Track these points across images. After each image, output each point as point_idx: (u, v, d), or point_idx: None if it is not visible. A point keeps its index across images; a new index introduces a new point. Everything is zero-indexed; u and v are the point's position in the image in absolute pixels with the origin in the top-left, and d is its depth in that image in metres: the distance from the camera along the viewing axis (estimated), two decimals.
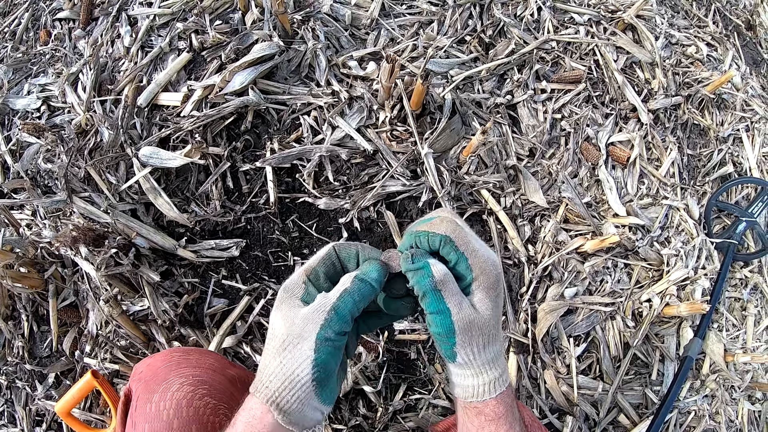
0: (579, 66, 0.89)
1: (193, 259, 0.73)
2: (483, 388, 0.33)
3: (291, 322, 0.31)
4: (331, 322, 0.31)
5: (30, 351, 0.81)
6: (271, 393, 0.30)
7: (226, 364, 0.51)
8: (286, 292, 0.33)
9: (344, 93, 0.75)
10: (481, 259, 0.33)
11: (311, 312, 0.31)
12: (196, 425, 0.40)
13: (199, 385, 0.43)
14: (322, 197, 0.74)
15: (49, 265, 0.78)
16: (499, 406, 0.34)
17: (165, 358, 0.47)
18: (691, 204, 0.93)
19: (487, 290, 0.33)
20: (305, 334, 0.31)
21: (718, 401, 0.90)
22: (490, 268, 0.33)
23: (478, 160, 0.78)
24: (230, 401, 0.45)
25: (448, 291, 0.32)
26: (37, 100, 0.90)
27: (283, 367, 0.30)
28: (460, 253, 0.33)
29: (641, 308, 0.84)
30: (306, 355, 0.30)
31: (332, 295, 0.32)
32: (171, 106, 0.78)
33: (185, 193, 0.76)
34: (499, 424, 0.34)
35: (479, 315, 0.33)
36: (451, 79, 0.79)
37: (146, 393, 0.42)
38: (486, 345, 0.33)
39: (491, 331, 0.33)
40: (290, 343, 0.31)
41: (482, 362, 0.33)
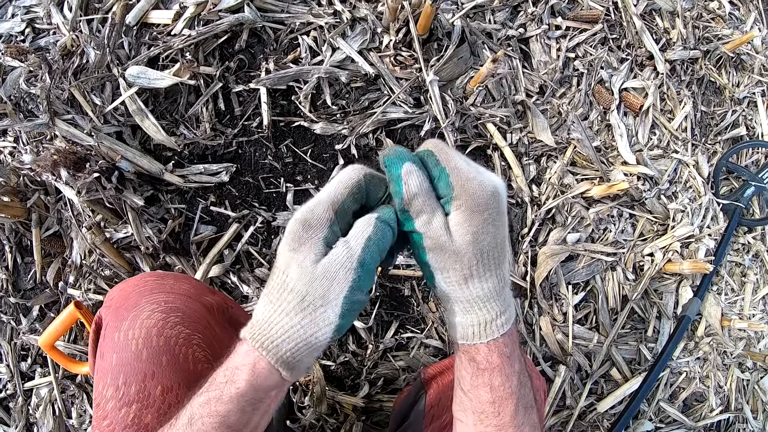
0: (597, 6, 0.84)
1: (181, 184, 0.70)
2: (471, 329, 0.29)
3: (311, 277, 0.27)
4: (360, 281, 0.27)
5: (14, 284, 0.78)
6: (282, 353, 0.27)
7: (204, 290, 0.47)
8: (306, 228, 0.27)
9: (347, 13, 0.70)
10: (465, 177, 0.28)
11: (336, 268, 0.27)
12: (167, 356, 0.37)
13: (171, 312, 0.39)
14: (319, 122, 0.70)
15: (31, 194, 0.75)
16: (492, 354, 0.29)
17: (137, 283, 0.43)
18: (701, 161, 0.90)
19: (468, 213, 0.28)
20: (330, 296, 0.27)
21: (710, 365, 0.90)
22: (475, 188, 0.28)
23: (486, 93, 0.74)
24: (205, 331, 0.41)
25: (416, 208, 0.28)
26: (21, 23, 0.84)
27: (303, 329, 0.27)
28: (442, 168, 0.28)
29: (643, 262, 0.82)
30: (330, 320, 0.27)
31: (355, 246, 0.27)
32: (161, 25, 0.73)
33: (174, 115, 0.72)
34: (494, 375, 0.30)
35: (452, 240, 0.28)
36: (461, 5, 0.75)
37: (115, 321, 0.39)
38: (467, 278, 0.29)
39: (472, 264, 0.28)
40: (311, 304, 0.27)
41: (467, 298, 0.29)
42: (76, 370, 0.66)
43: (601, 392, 0.81)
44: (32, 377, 0.77)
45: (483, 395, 0.30)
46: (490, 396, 0.30)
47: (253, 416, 0.28)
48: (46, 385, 0.76)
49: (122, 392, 0.36)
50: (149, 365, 0.36)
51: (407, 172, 0.28)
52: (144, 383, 0.36)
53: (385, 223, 0.28)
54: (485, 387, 0.30)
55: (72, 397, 0.76)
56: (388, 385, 0.73)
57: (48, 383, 0.76)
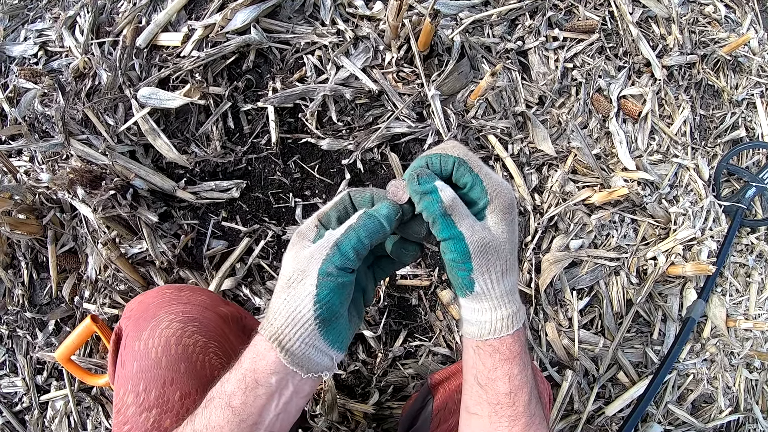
0: (593, 16, 0.86)
1: (193, 201, 0.72)
2: (501, 323, 0.32)
3: (296, 260, 0.31)
4: (332, 256, 0.30)
5: (30, 299, 0.81)
6: (274, 330, 0.29)
7: (219, 301, 0.49)
8: (298, 236, 0.32)
9: (350, 32, 0.73)
10: (496, 182, 0.32)
11: (315, 248, 0.30)
12: (185, 363, 0.39)
13: (189, 322, 0.42)
14: (325, 138, 0.72)
15: (47, 211, 0.77)
16: (515, 344, 0.32)
17: (156, 295, 0.46)
18: (702, 164, 0.91)
19: (503, 213, 0.32)
20: (309, 270, 0.30)
21: (717, 366, 0.90)
22: (505, 191, 0.32)
23: (486, 105, 0.76)
24: (221, 339, 0.43)
25: (458, 214, 0.31)
26: (34, 45, 0.87)
27: (287, 303, 0.30)
28: (475, 174, 0.31)
29: (646, 266, 0.83)
30: (308, 291, 0.29)
31: (337, 231, 0.31)
32: (171, 47, 0.76)
33: (185, 134, 0.74)
34: (514, 364, 0.32)
35: (494, 237, 0.31)
36: (460, 21, 0.77)
37: (135, 331, 0.41)
38: (504, 272, 0.32)
39: (508, 256, 0.32)
40: (294, 280, 0.30)
41: (500, 293, 0.32)
42: (92, 382, 0.68)
43: (609, 396, 0.82)
44: (48, 390, 0.79)
45: (500, 387, 0.32)
46: (508, 387, 0.32)
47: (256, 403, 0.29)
48: (62, 397, 0.78)
49: (142, 398, 0.38)
50: (168, 372, 0.39)
51: (441, 186, 0.31)
52: (163, 389, 0.38)
53: (371, 216, 0.31)
54: (504, 378, 0.32)
55: (87, 409, 0.78)
56: (397, 393, 0.74)
57: (64, 396, 0.77)
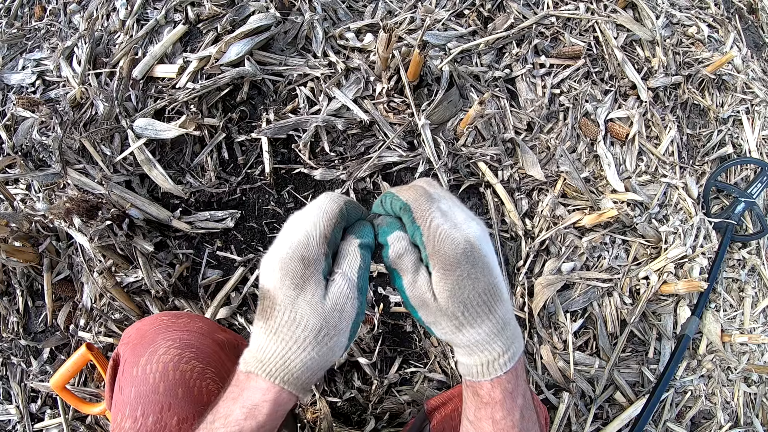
0: (578, 42, 0.88)
1: (188, 231, 0.73)
2: (476, 369, 0.31)
3: (322, 312, 0.29)
4: (362, 307, 0.31)
5: (25, 326, 0.81)
6: (302, 382, 0.30)
7: (216, 328, 0.50)
8: (307, 265, 0.29)
9: (341, 64, 0.75)
10: (438, 236, 0.29)
11: (343, 300, 0.30)
12: (183, 388, 0.40)
13: (186, 348, 0.42)
14: (318, 168, 0.73)
15: (43, 239, 0.78)
16: (496, 390, 0.31)
17: (153, 322, 0.46)
18: (690, 183, 0.93)
19: (442, 272, 0.29)
20: (341, 325, 0.30)
21: (715, 382, 0.90)
22: (447, 249, 0.29)
23: (476, 133, 0.78)
24: (218, 365, 0.44)
25: (402, 269, 0.31)
26: (32, 75, 0.89)
27: (320, 358, 0.30)
28: (416, 226, 0.31)
29: (639, 285, 0.84)
30: (342, 345, 0.31)
31: (352, 276, 0.30)
32: (166, 78, 0.77)
33: (180, 164, 0.75)
34: (495, 409, 0.31)
35: (434, 300, 0.30)
36: (448, 51, 0.79)
37: (133, 357, 0.42)
38: (459, 327, 0.30)
39: (457, 315, 0.30)
40: (326, 336, 0.29)
41: (466, 343, 0.31)
42: (87, 410, 0.68)
43: (607, 417, 0.82)
44: (42, 418, 0.78)
45: (485, 427, 0.32)
46: (492, 429, 0.32)
47: None
48: (56, 426, 0.77)
49: (140, 423, 0.38)
50: (166, 397, 0.39)
51: (395, 238, 0.31)
52: (161, 414, 0.38)
53: (367, 248, 0.32)
54: (488, 420, 0.32)
55: None
56: (393, 420, 0.74)
57: (58, 424, 0.77)
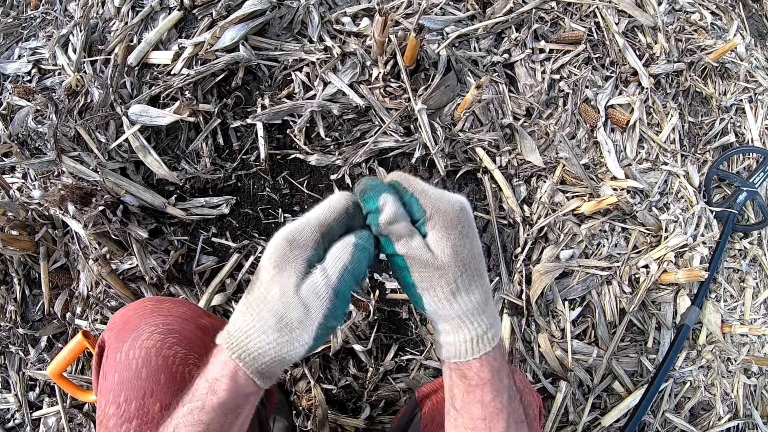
0: (579, 27, 0.87)
1: (183, 217, 0.73)
2: (465, 346, 0.30)
3: (289, 301, 0.28)
4: (335, 311, 0.29)
5: (22, 315, 0.81)
6: (258, 365, 0.29)
7: (200, 313, 0.49)
8: (293, 248, 0.29)
9: (337, 49, 0.74)
10: (435, 196, 0.30)
11: (313, 296, 0.28)
12: (165, 374, 0.39)
13: (169, 333, 0.42)
14: (314, 153, 0.73)
15: (39, 227, 0.78)
16: (484, 369, 0.30)
17: (137, 307, 0.46)
18: (692, 171, 0.92)
19: (444, 230, 0.29)
20: (306, 321, 0.28)
21: (714, 373, 0.89)
22: (446, 206, 0.30)
23: (474, 118, 0.77)
24: (201, 351, 0.43)
25: (395, 233, 0.29)
26: (27, 63, 0.89)
27: (278, 346, 0.29)
28: (410, 193, 0.30)
29: (638, 274, 0.83)
30: (304, 342, 0.29)
31: (331, 274, 0.28)
32: (161, 65, 0.77)
33: (175, 151, 0.75)
34: (485, 390, 0.30)
35: (434, 257, 0.29)
36: (446, 35, 0.78)
37: (117, 342, 0.41)
38: (455, 293, 0.30)
39: (457, 277, 0.29)
40: (287, 326, 0.29)
41: (457, 314, 0.30)
42: (84, 398, 0.68)
43: (605, 406, 0.81)
44: (40, 407, 0.78)
45: (475, 411, 0.31)
46: (482, 412, 0.31)
47: (235, 422, 0.30)
48: (54, 414, 0.77)
49: (123, 409, 0.38)
50: (148, 383, 0.38)
51: (383, 202, 0.30)
52: (144, 400, 0.38)
53: (361, 248, 0.29)
54: (477, 403, 0.31)
55: (79, 425, 0.77)
56: (389, 407, 0.73)
57: (56, 412, 0.77)
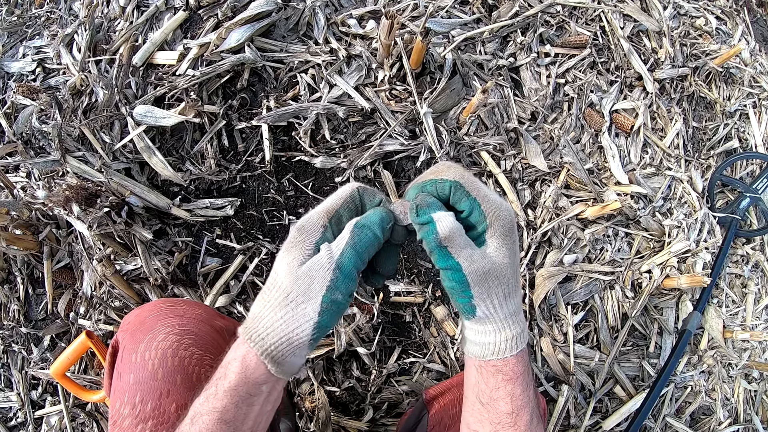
0: (584, 31, 0.87)
1: (187, 218, 0.73)
2: (505, 344, 0.31)
3: (295, 276, 0.29)
4: (337, 283, 0.29)
5: (25, 314, 0.81)
6: (267, 346, 0.29)
7: (214, 315, 0.50)
8: (301, 233, 0.30)
9: (343, 51, 0.74)
10: (495, 204, 0.31)
11: (317, 268, 0.29)
12: (181, 375, 0.39)
13: (185, 335, 0.42)
14: (319, 156, 0.73)
15: (43, 227, 0.78)
16: (519, 364, 0.32)
17: (152, 309, 0.46)
18: (695, 176, 0.92)
19: (503, 237, 0.31)
20: (311, 293, 0.29)
21: (715, 378, 0.90)
22: (504, 213, 0.31)
23: (479, 122, 0.77)
24: (216, 352, 0.44)
25: (455, 246, 0.30)
26: (32, 62, 0.88)
27: (284, 323, 0.29)
28: (473, 198, 0.31)
29: (641, 279, 0.83)
30: (309, 317, 0.29)
31: (335, 250, 0.30)
32: (166, 65, 0.77)
33: (180, 151, 0.75)
34: (516, 384, 0.32)
35: (495, 263, 0.30)
36: (452, 39, 0.78)
37: (132, 343, 0.42)
38: (507, 296, 0.31)
39: (510, 280, 0.31)
40: (293, 300, 0.29)
41: (504, 316, 0.31)
42: (87, 398, 0.68)
43: (606, 410, 0.81)
44: (43, 406, 0.78)
45: (502, 407, 0.32)
46: (510, 407, 0.32)
47: (249, 412, 0.30)
48: (57, 413, 0.78)
49: (139, 409, 0.38)
50: (165, 384, 0.39)
51: (439, 217, 0.30)
52: (160, 401, 0.38)
53: (364, 228, 0.30)
54: (506, 398, 0.32)
55: (82, 425, 0.78)
56: (392, 410, 0.74)
57: (58, 411, 0.77)
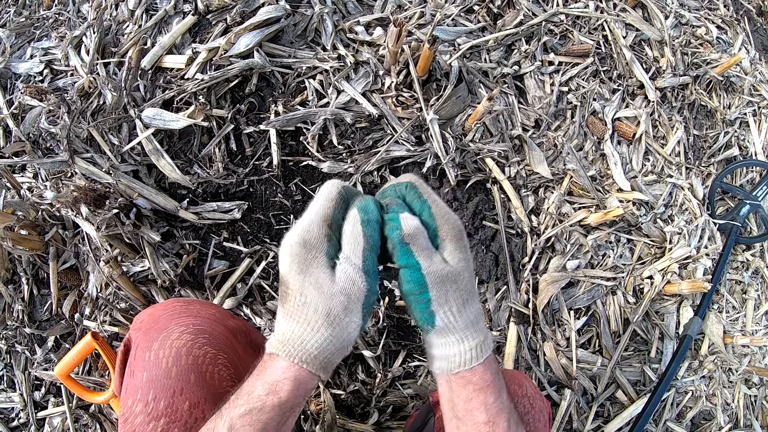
0: (587, 40, 0.88)
1: (195, 221, 0.73)
2: (470, 353, 0.32)
3: (330, 296, 0.30)
4: (371, 289, 0.31)
5: (30, 315, 0.81)
6: (320, 362, 0.31)
7: (227, 315, 0.51)
8: (309, 250, 0.31)
9: (350, 57, 0.75)
10: (444, 209, 0.33)
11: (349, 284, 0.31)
12: (195, 374, 0.40)
13: (199, 334, 0.42)
14: (326, 161, 0.73)
15: (49, 228, 0.78)
16: (487, 372, 0.33)
17: (166, 308, 0.47)
18: (696, 184, 0.93)
19: (455, 241, 0.32)
20: (351, 307, 0.31)
21: (716, 383, 0.90)
22: (453, 219, 0.33)
23: (484, 129, 0.78)
24: (230, 351, 0.44)
25: (417, 245, 0.31)
26: (39, 63, 0.89)
27: (335, 338, 0.31)
28: (424, 200, 0.32)
29: (642, 284, 0.84)
30: (356, 325, 0.32)
31: (356, 260, 0.31)
32: (175, 69, 0.77)
33: (188, 155, 0.75)
34: (488, 393, 0.32)
35: (452, 267, 0.31)
36: (458, 46, 0.79)
37: (146, 341, 0.42)
38: (465, 303, 0.32)
39: (467, 286, 0.32)
40: (336, 317, 0.31)
41: (464, 324, 0.32)
42: (91, 399, 0.68)
43: (608, 415, 0.82)
44: (45, 407, 0.78)
45: (478, 417, 0.33)
46: (485, 416, 0.33)
47: (291, 420, 0.32)
48: (60, 414, 0.77)
49: (151, 407, 0.38)
50: (178, 382, 0.39)
51: (408, 216, 0.32)
52: (173, 399, 0.38)
53: (366, 223, 0.32)
54: (481, 407, 0.32)
55: (85, 426, 0.78)
56: (397, 413, 0.74)
57: (61, 413, 0.77)
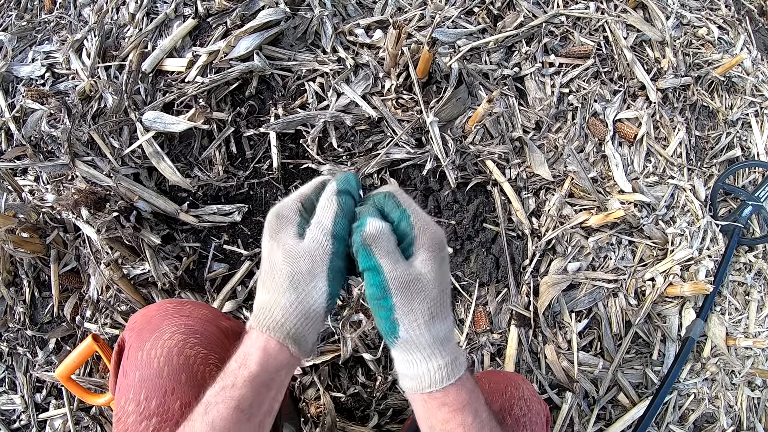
0: (588, 41, 0.88)
1: (195, 224, 0.73)
2: (439, 373, 0.30)
3: (295, 258, 0.30)
4: (336, 252, 0.31)
5: (31, 317, 0.81)
6: (288, 329, 0.30)
7: (220, 315, 0.50)
8: (280, 219, 0.32)
9: (350, 60, 0.75)
10: (424, 220, 0.31)
11: (315, 247, 0.30)
12: (186, 374, 0.39)
13: (191, 334, 0.42)
14: (326, 163, 0.73)
15: (50, 231, 0.78)
16: (461, 392, 0.30)
17: (159, 308, 0.47)
18: (698, 185, 0.92)
19: (430, 251, 0.30)
20: (316, 270, 0.30)
21: (718, 385, 0.90)
22: (433, 229, 0.31)
23: (484, 131, 0.78)
24: (221, 351, 0.44)
25: (379, 247, 0.30)
26: (41, 67, 0.89)
27: (300, 304, 0.30)
28: (403, 209, 0.31)
29: (644, 287, 0.84)
30: (322, 290, 0.30)
31: (326, 222, 0.31)
32: (175, 72, 0.78)
33: (188, 158, 0.76)
34: (466, 413, 0.30)
35: (421, 275, 0.30)
36: (458, 48, 0.79)
37: (138, 341, 0.42)
38: (434, 317, 0.30)
39: (437, 299, 0.30)
40: (301, 280, 0.30)
41: (432, 340, 0.30)
42: (92, 401, 0.68)
43: (610, 418, 0.82)
44: (47, 408, 0.79)
45: None
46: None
47: (266, 398, 0.30)
48: (61, 416, 0.78)
49: (143, 407, 0.38)
50: (169, 382, 0.39)
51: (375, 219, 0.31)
52: (164, 398, 0.38)
53: (344, 194, 0.32)
54: (459, 429, 0.31)
55: (86, 428, 0.78)
56: (396, 416, 0.74)
57: (62, 415, 0.77)
